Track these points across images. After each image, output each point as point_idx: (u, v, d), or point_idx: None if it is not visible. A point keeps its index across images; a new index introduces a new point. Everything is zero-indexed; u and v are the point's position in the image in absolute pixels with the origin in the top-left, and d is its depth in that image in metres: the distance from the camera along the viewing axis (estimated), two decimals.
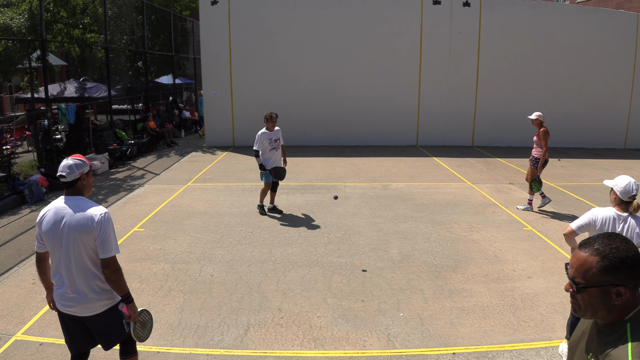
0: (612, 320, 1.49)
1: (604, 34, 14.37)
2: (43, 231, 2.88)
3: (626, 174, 12.14)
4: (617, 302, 1.45)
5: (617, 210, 3.47)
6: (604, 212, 3.49)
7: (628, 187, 3.44)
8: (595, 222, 3.48)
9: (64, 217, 2.84)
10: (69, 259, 2.86)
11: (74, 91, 12.70)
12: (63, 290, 2.91)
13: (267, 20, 13.76)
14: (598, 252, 1.48)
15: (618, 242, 1.49)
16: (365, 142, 14.52)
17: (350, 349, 4.00)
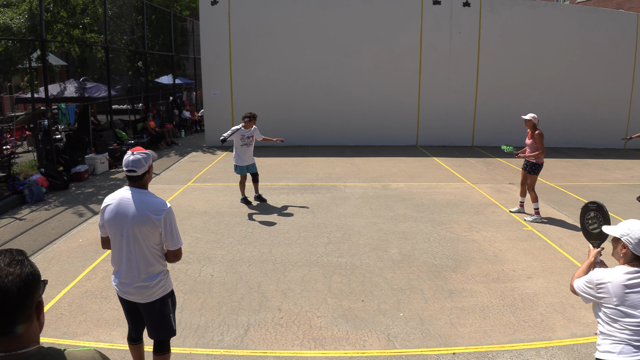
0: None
1: (604, 34, 14.37)
2: (106, 220, 3.05)
3: (626, 173, 12.10)
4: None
5: (635, 269, 2.42)
6: (615, 277, 2.45)
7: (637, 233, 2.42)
8: (604, 296, 2.49)
9: (127, 209, 2.97)
10: (129, 248, 2.99)
11: (74, 91, 12.71)
12: (122, 278, 3.07)
13: (267, 20, 13.76)
14: None
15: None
16: (365, 142, 14.52)
17: (350, 349, 4.00)
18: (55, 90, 12.50)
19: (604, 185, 10.03)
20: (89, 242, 6.33)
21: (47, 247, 6.23)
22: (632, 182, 10.32)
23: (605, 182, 10.27)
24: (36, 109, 10.79)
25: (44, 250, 6.12)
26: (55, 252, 6.03)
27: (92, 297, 4.81)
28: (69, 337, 4.10)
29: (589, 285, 2.56)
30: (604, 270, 2.55)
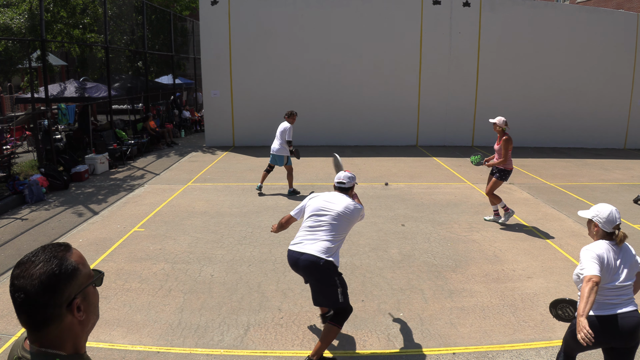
0: None
1: (604, 34, 14.37)
2: (312, 206, 3.95)
3: (626, 174, 12.12)
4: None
5: (610, 242, 3.02)
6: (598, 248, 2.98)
7: (611, 217, 3.01)
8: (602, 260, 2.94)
9: (337, 204, 3.87)
10: (326, 230, 3.77)
11: (74, 91, 12.70)
12: (300, 246, 3.77)
13: (267, 20, 13.76)
14: None
15: None
16: (365, 142, 14.52)
17: (350, 349, 4.00)
18: (55, 90, 12.50)
19: (604, 185, 10.03)
20: (89, 242, 6.33)
21: None
22: (632, 182, 10.32)
23: (605, 182, 10.27)
24: (36, 109, 10.79)
25: None
26: None
27: None
28: None
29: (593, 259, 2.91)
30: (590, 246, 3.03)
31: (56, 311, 1.23)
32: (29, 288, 1.21)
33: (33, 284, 1.21)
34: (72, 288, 1.26)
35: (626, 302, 2.94)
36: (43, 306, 1.22)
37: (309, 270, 3.67)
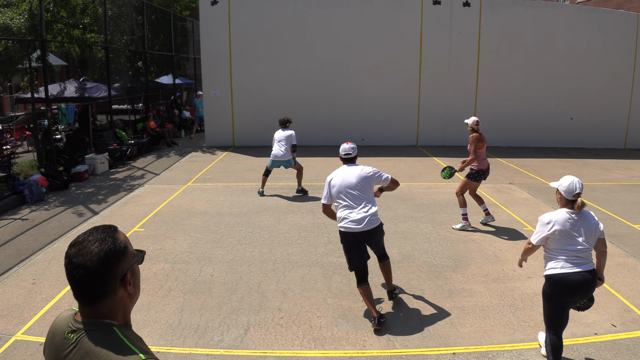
0: None
1: (604, 34, 14.37)
2: (336, 187, 4.53)
3: (626, 173, 12.11)
4: None
5: (569, 210, 3.52)
6: (557, 216, 3.51)
7: (571, 186, 3.49)
8: (555, 231, 3.48)
9: (351, 176, 4.54)
10: (360, 198, 4.51)
11: (74, 91, 12.70)
12: (355, 219, 4.43)
13: (267, 20, 13.76)
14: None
15: None
16: (365, 142, 14.52)
17: (350, 349, 4.00)
18: (55, 90, 12.49)
19: (604, 185, 10.03)
20: None
21: (47, 247, 6.23)
22: (632, 182, 10.32)
23: (605, 182, 10.27)
24: (36, 109, 10.79)
25: (44, 250, 6.11)
26: (55, 252, 6.03)
27: None
28: None
29: (541, 229, 3.55)
30: (549, 213, 3.58)
31: (111, 285, 1.36)
32: (88, 264, 1.33)
33: (92, 261, 1.33)
34: (124, 264, 1.39)
35: (586, 262, 3.50)
36: (100, 281, 1.34)
37: (373, 234, 4.55)
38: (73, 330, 1.38)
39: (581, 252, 3.48)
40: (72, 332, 1.38)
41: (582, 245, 3.48)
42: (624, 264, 5.85)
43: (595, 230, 3.52)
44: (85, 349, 1.34)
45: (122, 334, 1.37)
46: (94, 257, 1.33)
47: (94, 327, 1.36)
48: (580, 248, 3.48)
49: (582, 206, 3.48)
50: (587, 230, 3.49)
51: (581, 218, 3.50)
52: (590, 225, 3.51)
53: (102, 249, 1.34)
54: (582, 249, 3.48)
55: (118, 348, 1.33)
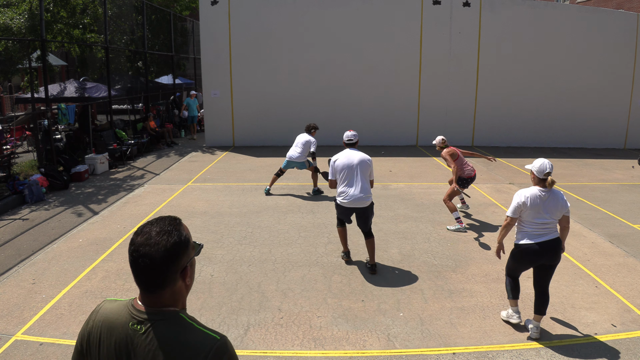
0: None
1: (604, 34, 14.38)
2: (340, 166, 5.39)
3: (626, 174, 12.11)
4: None
5: (540, 188, 4.04)
6: (529, 192, 4.06)
7: (542, 166, 4.02)
8: (526, 202, 4.04)
9: (354, 158, 5.39)
10: (357, 178, 5.34)
11: (74, 91, 12.70)
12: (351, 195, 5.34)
13: (267, 20, 13.76)
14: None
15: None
16: (365, 142, 14.50)
17: (350, 349, 4.00)
18: (55, 90, 12.50)
19: (603, 185, 10.03)
20: (89, 242, 6.33)
21: (47, 247, 6.23)
22: (632, 182, 10.32)
23: (605, 182, 10.27)
24: (36, 109, 10.79)
25: (44, 250, 6.12)
26: (55, 252, 6.03)
27: (92, 297, 4.81)
28: (69, 337, 4.10)
29: (516, 202, 4.09)
30: (523, 189, 4.11)
31: (173, 276, 1.40)
32: (155, 255, 1.36)
33: (159, 252, 1.36)
34: (186, 257, 1.43)
35: (550, 232, 4.05)
36: (164, 271, 1.38)
37: (364, 211, 5.41)
38: (139, 321, 1.40)
39: (547, 225, 4.04)
40: (137, 323, 1.40)
41: (549, 219, 4.04)
42: (624, 264, 5.85)
43: (563, 208, 4.06)
44: (160, 338, 1.36)
45: (190, 319, 1.43)
46: (160, 248, 1.37)
47: (161, 317, 1.39)
48: (547, 221, 4.03)
49: (552, 184, 4.01)
50: (554, 206, 4.03)
51: (551, 195, 4.04)
52: (558, 202, 4.04)
53: (169, 242, 1.38)
54: (549, 222, 4.04)
55: (193, 333, 1.38)
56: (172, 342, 1.36)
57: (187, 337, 1.37)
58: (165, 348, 1.35)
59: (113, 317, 1.45)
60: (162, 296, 1.41)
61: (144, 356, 1.37)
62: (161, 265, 1.37)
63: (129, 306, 1.45)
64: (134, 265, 1.39)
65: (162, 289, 1.40)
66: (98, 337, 1.45)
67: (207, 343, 1.37)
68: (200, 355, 1.34)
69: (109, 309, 1.48)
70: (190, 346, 1.35)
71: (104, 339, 1.43)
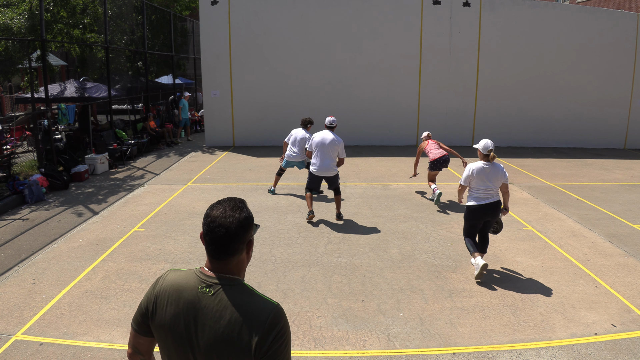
0: None
1: (604, 34, 14.38)
2: (315, 142, 6.99)
3: (626, 174, 12.15)
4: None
5: (484, 162, 5.22)
6: (476, 165, 5.23)
7: (486, 145, 5.18)
8: (472, 173, 5.21)
9: (328, 138, 6.92)
10: (326, 154, 6.93)
11: (74, 91, 12.69)
12: (319, 166, 6.97)
13: (267, 20, 13.76)
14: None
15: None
16: (365, 142, 14.52)
17: (350, 349, 4.00)
18: (55, 90, 12.49)
19: (604, 185, 10.03)
20: (89, 242, 6.34)
21: (47, 247, 6.23)
22: (632, 182, 10.32)
23: (605, 182, 10.27)
24: (36, 109, 10.79)
25: (44, 250, 6.12)
26: (55, 252, 6.03)
27: (92, 297, 4.81)
28: (69, 337, 4.10)
29: (465, 174, 5.28)
30: (472, 164, 5.28)
31: (241, 246, 1.62)
32: (230, 225, 1.58)
33: (234, 223, 1.58)
34: (251, 231, 1.65)
35: (492, 197, 5.25)
36: (235, 240, 1.59)
37: (331, 179, 7.11)
38: (208, 284, 1.59)
39: (490, 190, 5.22)
40: (207, 286, 1.59)
41: (492, 186, 5.21)
42: (624, 264, 5.85)
43: (502, 177, 5.23)
44: (228, 300, 1.57)
45: (251, 287, 1.64)
46: (235, 220, 1.58)
47: (229, 282, 1.60)
48: (490, 188, 5.21)
49: (493, 158, 5.23)
50: (495, 175, 5.21)
51: (492, 167, 5.22)
52: (498, 173, 5.23)
53: (241, 215, 1.60)
54: (491, 188, 5.22)
55: (255, 298, 1.60)
56: (237, 304, 1.56)
57: (251, 301, 1.58)
58: (231, 309, 1.55)
59: (182, 281, 1.63)
60: (229, 263, 1.61)
61: (211, 315, 1.56)
62: (234, 235, 1.58)
63: (197, 273, 1.63)
64: (210, 235, 1.58)
65: (232, 256, 1.60)
66: (166, 300, 1.62)
67: (268, 307, 1.58)
68: (262, 316, 1.55)
69: (175, 275, 1.67)
70: (253, 309, 1.56)
71: (172, 301, 1.61)
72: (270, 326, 1.55)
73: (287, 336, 1.60)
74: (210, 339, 1.55)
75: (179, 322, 1.59)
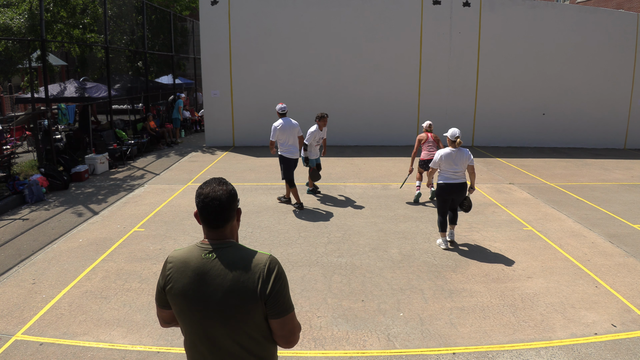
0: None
1: (604, 34, 14.37)
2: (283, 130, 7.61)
3: (626, 173, 12.16)
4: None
5: (451, 148, 6.01)
6: (444, 151, 6.03)
7: (453, 132, 6.00)
8: (441, 158, 6.00)
9: (291, 124, 7.75)
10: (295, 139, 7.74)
11: (74, 91, 12.69)
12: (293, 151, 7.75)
13: (267, 20, 13.76)
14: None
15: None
16: (365, 142, 14.52)
17: (350, 349, 4.00)
18: (55, 90, 12.49)
19: (604, 185, 10.03)
20: (89, 242, 6.33)
21: (47, 247, 6.23)
22: (632, 182, 10.32)
23: (605, 182, 10.27)
24: (36, 109, 10.78)
25: (44, 250, 6.12)
26: (55, 252, 6.03)
27: (92, 297, 4.81)
28: (69, 337, 4.10)
29: (437, 157, 6.07)
30: (440, 149, 6.13)
31: (232, 214, 1.88)
32: (222, 197, 1.83)
33: (224, 195, 1.84)
34: (237, 201, 1.92)
35: (459, 178, 6.04)
36: (228, 209, 1.85)
37: (297, 160, 7.82)
38: (210, 251, 1.84)
39: (456, 172, 6.02)
40: (209, 252, 1.83)
41: (459, 168, 6.01)
42: (624, 264, 5.85)
43: (467, 159, 6.03)
44: (229, 258, 1.82)
45: (244, 246, 1.90)
46: (225, 192, 1.84)
47: (225, 245, 1.86)
48: (457, 170, 6.01)
49: (459, 144, 5.99)
50: (461, 160, 6.00)
51: (459, 152, 6.00)
52: (463, 157, 6.01)
53: (228, 188, 1.87)
54: (457, 171, 6.01)
55: (251, 253, 1.86)
56: (237, 259, 1.82)
57: (248, 256, 1.84)
58: (233, 265, 1.81)
59: (186, 255, 1.87)
60: (225, 230, 1.86)
61: (217, 274, 1.80)
62: (226, 204, 1.83)
63: (198, 245, 1.88)
64: (206, 209, 1.82)
65: (226, 223, 1.85)
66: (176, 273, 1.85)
67: (263, 258, 1.86)
68: (260, 265, 1.83)
69: (180, 252, 1.92)
70: (251, 261, 1.83)
71: (182, 272, 1.84)
72: (269, 271, 1.84)
73: (285, 279, 1.94)
74: (220, 294, 1.78)
75: (191, 288, 1.81)
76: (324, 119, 8.30)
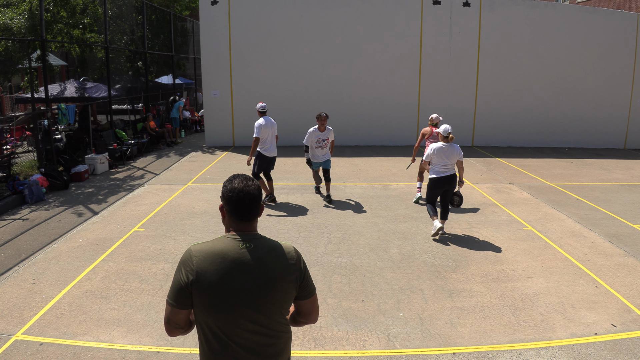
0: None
1: (604, 34, 14.38)
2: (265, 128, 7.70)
3: (626, 174, 12.17)
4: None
5: (443, 143, 6.32)
6: (437, 145, 6.34)
7: (445, 128, 6.31)
8: (434, 151, 6.32)
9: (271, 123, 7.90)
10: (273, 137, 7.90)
11: (74, 91, 12.69)
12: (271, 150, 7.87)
13: (267, 20, 13.76)
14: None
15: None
16: (365, 142, 14.52)
17: (350, 349, 4.00)
18: (55, 90, 12.49)
19: (604, 185, 10.03)
20: (89, 242, 6.34)
21: (47, 247, 6.23)
22: (632, 182, 10.32)
23: (605, 182, 10.27)
24: (36, 109, 10.79)
25: (44, 250, 6.12)
26: (55, 252, 6.03)
27: (92, 297, 4.81)
28: (69, 337, 4.10)
29: (428, 152, 6.43)
30: (433, 143, 6.45)
31: (260, 208, 2.03)
32: (254, 193, 1.97)
33: (255, 190, 1.98)
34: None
35: (449, 170, 6.36)
36: (259, 203, 2.00)
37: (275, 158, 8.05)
38: (247, 241, 1.94)
39: (447, 166, 6.33)
40: (246, 242, 1.93)
41: (449, 162, 6.33)
42: (624, 264, 5.85)
43: (457, 155, 6.32)
44: (265, 247, 1.96)
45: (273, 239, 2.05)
46: (255, 188, 1.98)
47: (258, 236, 1.99)
48: (448, 163, 6.33)
49: (451, 140, 6.30)
50: (451, 154, 6.31)
51: (450, 147, 6.30)
52: (454, 152, 6.30)
53: (255, 183, 2.00)
54: (448, 164, 6.33)
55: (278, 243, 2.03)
56: (272, 248, 1.97)
57: (278, 245, 2.01)
58: (272, 253, 1.95)
59: (219, 247, 1.91)
60: (254, 223, 2.02)
61: (256, 261, 1.89)
62: (258, 198, 1.98)
63: (230, 237, 1.95)
64: (239, 203, 1.94)
65: (257, 216, 2.01)
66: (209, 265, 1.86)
67: (290, 246, 2.04)
68: (292, 253, 2.00)
69: (204, 245, 1.93)
70: (283, 249, 1.99)
71: (217, 263, 1.86)
72: (299, 258, 2.02)
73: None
74: (264, 281, 1.88)
75: (230, 278, 1.86)
76: (320, 119, 7.96)
